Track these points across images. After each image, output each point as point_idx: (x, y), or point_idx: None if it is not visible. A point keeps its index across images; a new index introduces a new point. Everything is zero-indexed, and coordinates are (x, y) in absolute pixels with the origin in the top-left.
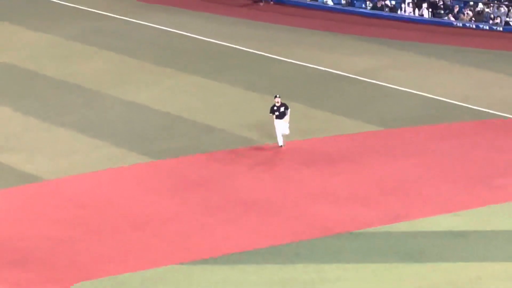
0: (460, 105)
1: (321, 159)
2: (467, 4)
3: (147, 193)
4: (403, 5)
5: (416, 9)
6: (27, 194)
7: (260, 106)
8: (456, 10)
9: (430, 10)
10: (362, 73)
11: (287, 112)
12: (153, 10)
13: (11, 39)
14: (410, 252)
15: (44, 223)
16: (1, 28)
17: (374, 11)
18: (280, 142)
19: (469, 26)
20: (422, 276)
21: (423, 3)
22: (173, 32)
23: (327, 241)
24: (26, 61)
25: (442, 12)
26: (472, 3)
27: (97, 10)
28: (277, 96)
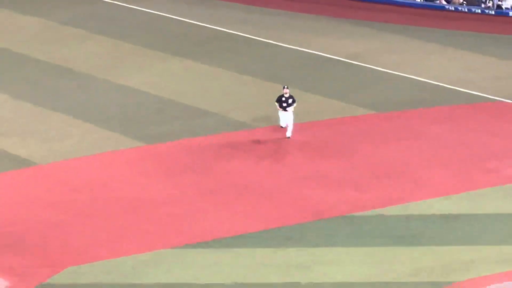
0: (452, 88)
1: (313, 142)
2: None
3: (139, 177)
4: None
5: None
6: (20, 178)
7: (252, 90)
8: None
9: None
10: (355, 57)
11: (293, 105)
12: None
13: (4, 24)
14: (403, 235)
15: (37, 207)
16: None
17: None
18: (284, 124)
19: (461, 9)
20: (415, 259)
21: None
22: (166, 16)
23: (320, 225)
24: (18, 45)
25: None
26: None
27: None
28: (286, 87)
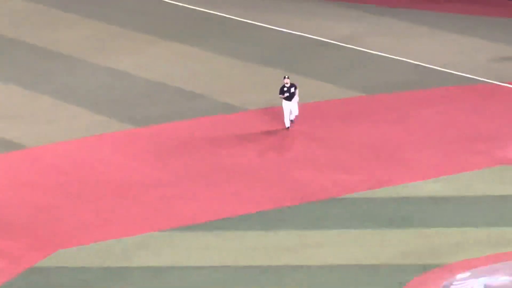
0: (442, 70)
1: (303, 124)
2: None
3: (129, 160)
4: None
5: None
6: (8, 161)
7: (242, 73)
8: None
9: None
10: (344, 39)
11: (296, 92)
12: None
13: None
14: (392, 217)
15: (25, 190)
16: None
17: None
18: (287, 124)
19: None
20: (404, 241)
21: None
22: None
23: (310, 207)
24: (7, 28)
25: None
26: None
27: None
28: (286, 77)
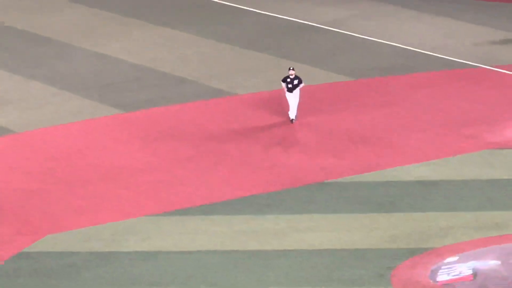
0: (430, 54)
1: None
2: None
3: (118, 144)
4: None
5: None
6: None
7: (230, 58)
8: None
9: None
10: (332, 23)
11: (300, 86)
12: None
13: None
14: (381, 202)
15: (15, 175)
16: None
17: None
18: (292, 115)
19: None
20: (393, 226)
21: None
22: None
23: (298, 192)
24: None
25: None
26: None
27: None
28: (292, 68)
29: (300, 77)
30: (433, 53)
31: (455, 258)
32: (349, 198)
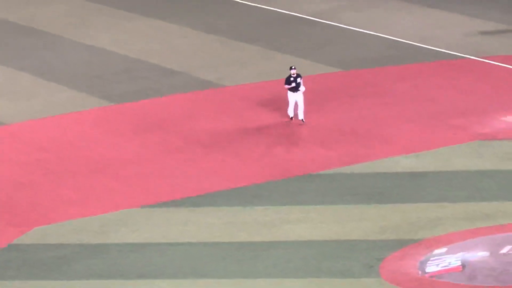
0: (419, 46)
1: (279, 101)
2: None
3: (107, 136)
4: None
5: None
6: None
7: (219, 49)
8: None
9: None
10: (320, 15)
11: (301, 82)
12: None
13: None
14: (370, 193)
15: (4, 167)
16: None
17: None
18: (291, 114)
19: None
20: (382, 217)
21: None
22: None
23: (287, 183)
24: None
25: None
26: None
27: None
28: (293, 67)
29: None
30: (422, 44)
31: (444, 249)
32: (339, 189)
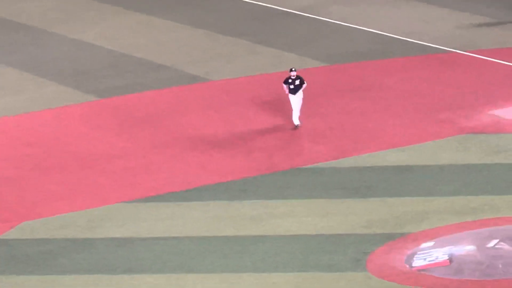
0: (406, 40)
1: (267, 94)
2: None
3: (93, 131)
4: None
5: None
6: None
7: (206, 43)
8: None
9: None
10: (307, 9)
11: (302, 86)
12: None
13: None
14: (357, 187)
15: None
16: None
17: None
18: (296, 121)
19: None
20: (369, 211)
21: None
22: None
23: (274, 177)
24: None
25: None
26: None
27: None
28: (293, 69)
29: (302, 76)
30: (409, 38)
31: (431, 243)
32: (325, 184)
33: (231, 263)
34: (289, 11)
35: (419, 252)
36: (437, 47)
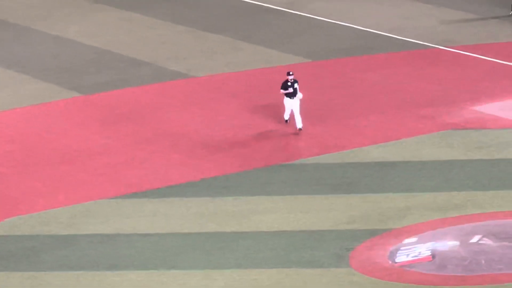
0: (388, 36)
1: (249, 91)
2: None
3: (76, 127)
4: None
5: None
6: None
7: (188, 40)
8: None
9: None
10: (289, 5)
11: (298, 89)
12: None
13: None
14: (339, 183)
15: None
16: None
17: None
18: (299, 124)
19: None
20: (351, 207)
21: None
22: None
23: (256, 173)
24: None
25: None
26: None
27: None
28: (290, 73)
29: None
30: (391, 34)
31: (413, 239)
32: (308, 180)
33: (214, 259)
34: (271, 7)
35: (402, 248)
36: (420, 43)
